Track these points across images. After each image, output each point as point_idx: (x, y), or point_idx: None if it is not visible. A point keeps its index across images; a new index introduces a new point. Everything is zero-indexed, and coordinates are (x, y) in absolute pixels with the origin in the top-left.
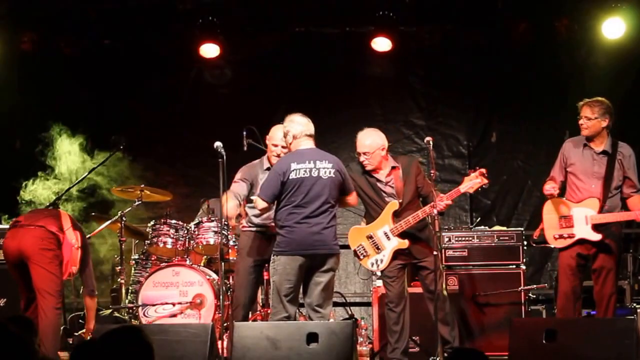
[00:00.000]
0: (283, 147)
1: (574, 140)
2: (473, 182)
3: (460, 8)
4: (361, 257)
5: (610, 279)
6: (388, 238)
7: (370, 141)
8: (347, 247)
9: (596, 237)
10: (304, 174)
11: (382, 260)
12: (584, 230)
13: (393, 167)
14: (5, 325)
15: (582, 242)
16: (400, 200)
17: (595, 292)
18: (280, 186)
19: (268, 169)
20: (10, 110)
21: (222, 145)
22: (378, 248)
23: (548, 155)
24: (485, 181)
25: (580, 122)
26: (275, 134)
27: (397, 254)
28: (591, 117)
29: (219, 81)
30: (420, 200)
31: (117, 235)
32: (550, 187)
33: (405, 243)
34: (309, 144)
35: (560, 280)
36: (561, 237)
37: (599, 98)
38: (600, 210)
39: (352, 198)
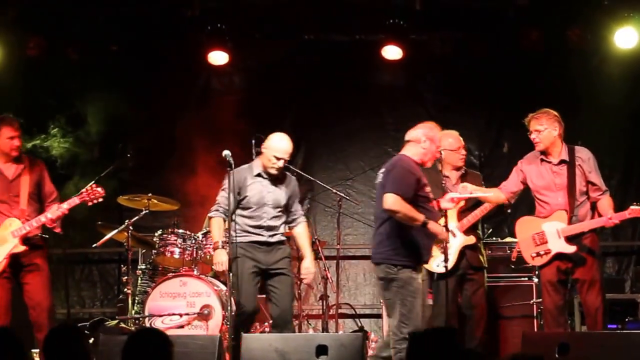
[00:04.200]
0: (285, 160)
1: (528, 157)
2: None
3: (471, 16)
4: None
5: (593, 292)
6: (454, 235)
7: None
8: (357, 257)
9: (571, 249)
10: None
11: (447, 260)
12: (558, 245)
13: (464, 175)
14: None
15: (559, 256)
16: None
17: (583, 307)
18: None
19: (259, 175)
20: (16, 115)
21: (230, 154)
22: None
23: None
24: None
25: (532, 137)
26: (280, 146)
27: (464, 254)
28: (541, 130)
29: (227, 89)
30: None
31: (123, 244)
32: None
33: (472, 239)
34: None
35: (543, 297)
36: (538, 254)
37: (544, 109)
38: (570, 222)
39: None
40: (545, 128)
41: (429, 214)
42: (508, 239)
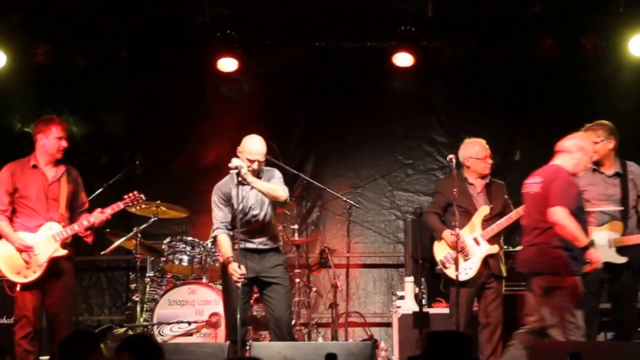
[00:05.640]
0: (260, 162)
1: None
2: None
3: (483, 23)
4: (447, 265)
5: (632, 303)
6: (478, 243)
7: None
8: (367, 265)
9: (621, 259)
10: None
11: (470, 268)
12: (607, 254)
13: (489, 183)
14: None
15: (603, 266)
16: (492, 206)
17: (616, 317)
18: None
19: (240, 183)
20: (22, 121)
21: (240, 164)
22: (465, 255)
23: None
24: None
25: None
26: (251, 148)
27: (486, 263)
28: (597, 141)
29: (236, 95)
30: None
31: (132, 251)
32: None
33: (496, 248)
34: None
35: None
36: (584, 262)
37: (601, 121)
38: (623, 233)
39: None
40: (601, 140)
41: (585, 225)
42: (520, 248)
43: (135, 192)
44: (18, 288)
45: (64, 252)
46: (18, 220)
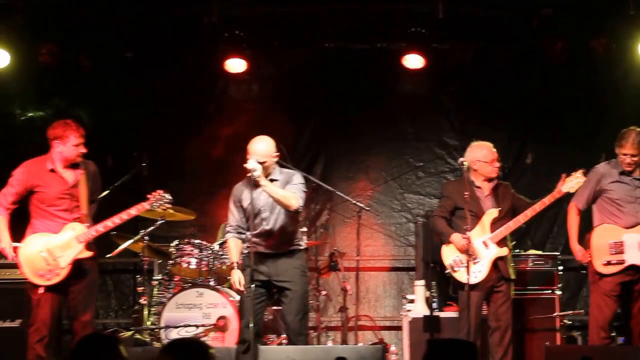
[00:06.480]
0: (259, 162)
1: (607, 165)
2: (577, 181)
3: (494, 25)
4: (456, 269)
5: None
6: (486, 246)
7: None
8: (377, 269)
9: None
10: None
11: (480, 271)
12: (636, 257)
13: (496, 186)
14: None
15: (630, 268)
16: (500, 208)
17: (634, 320)
18: None
19: (254, 185)
20: (27, 122)
21: (256, 168)
22: (474, 258)
23: None
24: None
25: (627, 160)
26: (250, 147)
27: (496, 266)
28: (636, 154)
29: (244, 97)
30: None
31: (139, 254)
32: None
33: (505, 250)
34: None
35: (593, 309)
36: (609, 263)
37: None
38: None
39: None
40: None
41: None
42: (531, 252)
43: (160, 191)
44: (41, 291)
45: (88, 253)
46: (39, 223)
